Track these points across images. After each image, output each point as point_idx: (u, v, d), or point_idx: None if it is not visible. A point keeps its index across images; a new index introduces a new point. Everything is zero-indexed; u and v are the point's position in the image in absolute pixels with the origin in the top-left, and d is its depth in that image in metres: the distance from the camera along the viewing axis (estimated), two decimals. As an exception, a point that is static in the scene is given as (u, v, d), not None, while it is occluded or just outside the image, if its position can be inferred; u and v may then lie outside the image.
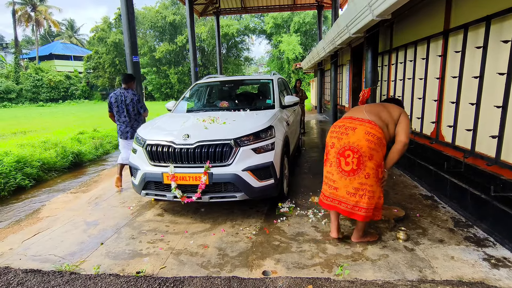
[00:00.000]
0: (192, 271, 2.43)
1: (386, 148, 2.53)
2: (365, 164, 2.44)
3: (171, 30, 34.90)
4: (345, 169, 2.51)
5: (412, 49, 4.43)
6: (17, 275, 2.40)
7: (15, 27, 35.38)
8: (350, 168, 2.48)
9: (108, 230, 3.21)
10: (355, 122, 2.53)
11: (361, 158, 2.44)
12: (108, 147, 8.53)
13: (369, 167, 2.45)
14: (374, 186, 2.47)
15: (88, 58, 37.59)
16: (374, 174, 2.46)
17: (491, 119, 2.81)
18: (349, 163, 2.48)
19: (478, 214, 2.99)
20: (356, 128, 2.48)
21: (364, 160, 2.44)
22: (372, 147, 2.43)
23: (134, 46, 5.82)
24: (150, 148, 3.28)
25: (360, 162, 2.45)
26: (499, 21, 2.72)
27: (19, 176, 5.17)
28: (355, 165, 2.46)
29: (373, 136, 2.43)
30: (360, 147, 2.44)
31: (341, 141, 2.53)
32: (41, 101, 33.29)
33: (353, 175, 2.48)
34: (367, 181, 2.46)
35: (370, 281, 2.19)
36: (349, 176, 2.50)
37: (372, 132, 2.44)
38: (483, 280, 2.18)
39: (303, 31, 31.18)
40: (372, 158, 2.44)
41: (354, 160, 2.46)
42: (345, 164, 2.50)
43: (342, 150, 2.51)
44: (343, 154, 2.51)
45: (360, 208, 2.49)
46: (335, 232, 2.81)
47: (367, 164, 2.44)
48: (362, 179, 2.46)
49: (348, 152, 2.48)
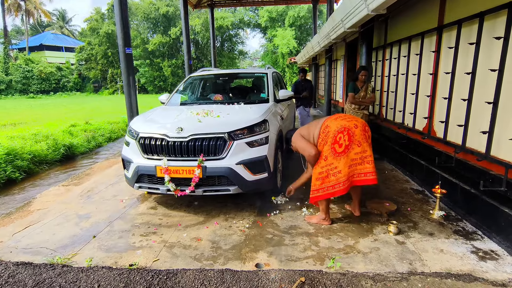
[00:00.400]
0: (185, 264, 2.43)
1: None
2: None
3: (165, 22, 34.41)
4: (369, 142, 2.94)
5: (406, 45, 4.45)
6: (8, 267, 2.37)
7: (4, 17, 34.48)
8: (370, 139, 2.99)
9: (101, 223, 3.20)
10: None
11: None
12: (101, 140, 8.43)
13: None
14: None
15: (80, 50, 36.92)
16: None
17: (482, 115, 2.85)
18: (369, 136, 2.98)
19: (468, 208, 3.04)
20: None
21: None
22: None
23: (127, 37, 5.73)
24: (143, 141, 3.26)
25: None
26: (492, 18, 2.75)
27: (9, 168, 5.10)
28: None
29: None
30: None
31: (358, 121, 2.97)
32: (31, 92, 32.66)
33: (341, 156, 2.89)
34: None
35: (361, 274, 2.22)
36: (370, 146, 2.96)
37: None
38: (470, 272, 2.23)
39: (298, 25, 31.03)
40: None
41: (369, 132, 3.00)
42: (368, 137, 2.97)
43: (363, 126, 2.96)
44: (364, 129, 2.94)
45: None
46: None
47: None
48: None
49: (365, 126, 2.97)
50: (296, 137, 3.11)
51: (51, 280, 2.22)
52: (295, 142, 3.11)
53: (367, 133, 2.91)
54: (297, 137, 3.10)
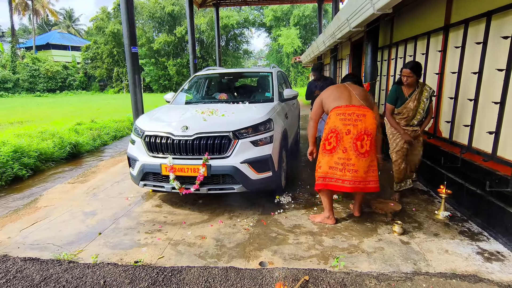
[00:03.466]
0: (189, 261, 2.45)
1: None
2: (374, 144, 2.83)
3: (170, 21, 34.52)
4: (361, 151, 2.79)
5: (412, 44, 4.42)
6: (15, 263, 2.41)
7: (11, 16, 34.84)
8: (364, 150, 2.79)
9: (106, 220, 3.23)
10: (362, 109, 2.81)
11: (372, 140, 2.81)
12: (106, 138, 8.50)
13: (375, 146, 2.87)
14: (375, 161, 2.87)
15: (86, 48, 37.21)
16: (374, 152, 2.88)
17: (489, 115, 2.83)
18: (363, 145, 2.79)
19: (473, 209, 3.02)
20: (365, 114, 2.79)
21: (373, 141, 2.82)
22: (376, 129, 2.84)
23: (133, 36, 5.76)
24: (148, 139, 3.28)
25: (372, 143, 2.81)
26: (500, 17, 2.72)
27: (16, 166, 5.16)
28: (368, 147, 2.79)
29: (376, 120, 2.84)
30: (373, 130, 2.79)
31: (357, 127, 2.77)
32: (38, 91, 33.00)
33: (368, 156, 2.80)
34: (373, 159, 2.85)
35: (365, 273, 2.22)
36: (365, 157, 2.80)
37: (375, 117, 2.84)
38: (476, 273, 2.22)
39: (303, 25, 30.98)
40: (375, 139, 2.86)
41: (367, 142, 2.79)
42: (361, 147, 2.78)
43: (359, 135, 2.77)
44: (359, 139, 2.78)
45: (370, 181, 2.84)
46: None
47: (374, 144, 2.85)
48: (372, 157, 2.83)
49: (364, 136, 2.78)
50: (318, 98, 3.07)
51: (58, 275, 2.26)
52: (318, 98, 3.07)
53: (362, 142, 2.75)
54: (318, 99, 3.07)
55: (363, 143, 2.77)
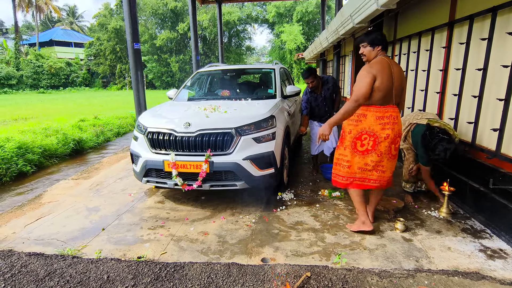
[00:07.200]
0: (192, 257, 2.47)
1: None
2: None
3: (173, 17, 34.49)
4: (393, 154, 2.71)
5: (416, 40, 4.38)
6: (20, 258, 2.44)
7: (15, 12, 34.93)
8: (396, 152, 2.74)
9: (109, 216, 3.25)
10: (396, 110, 2.65)
11: (400, 140, 2.78)
12: (109, 134, 8.54)
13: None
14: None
15: (89, 45, 37.28)
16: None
17: (493, 112, 2.80)
18: (396, 148, 2.74)
19: (476, 206, 3.01)
20: (398, 116, 2.66)
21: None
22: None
23: (135, 33, 5.75)
24: (151, 135, 3.29)
25: (399, 145, 2.77)
26: (506, 13, 2.69)
27: (21, 162, 5.20)
28: (398, 148, 2.74)
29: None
30: (401, 131, 2.73)
31: (394, 131, 2.64)
32: (41, 87, 33.18)
33: (397, 157, 2.76)
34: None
35: (367, 270, 2.22)
36: (395, 159, 2.75)
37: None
38: (478, 270, 2.22)
39: (306, 21, 30.81)
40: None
41: (398, 144, 2.74)
42: (394, 149, 2.70)
43: (394, 138, 2.66)
44: (394, 142, 2.68)
45: (388, 178, 2.77)
46: (371, 218, 2.93)
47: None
48: (396, 157, 2.75)
49: (398, 138, 2.70)
50: (369, 75, 2.50)
51: (62, 270, 2.28)
52: (368, 76, 2.49)
53: (396, 145, 2.67)
54: (368, 77, 2.49)
55: (396, 146, 2.69)
